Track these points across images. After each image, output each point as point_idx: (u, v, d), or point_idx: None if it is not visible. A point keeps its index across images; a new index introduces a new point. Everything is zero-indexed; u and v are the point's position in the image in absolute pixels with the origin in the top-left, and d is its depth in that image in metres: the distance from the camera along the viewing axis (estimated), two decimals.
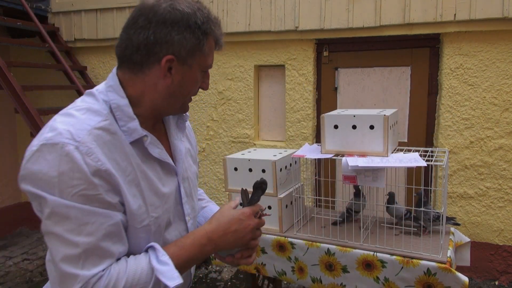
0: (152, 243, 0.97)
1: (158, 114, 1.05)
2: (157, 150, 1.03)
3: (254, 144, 3.78)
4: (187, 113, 1.15)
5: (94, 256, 0.87)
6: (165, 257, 0.93)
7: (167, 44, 0.94)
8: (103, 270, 0.88)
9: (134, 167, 0.96)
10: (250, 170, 2.21)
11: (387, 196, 2.19)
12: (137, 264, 0.92)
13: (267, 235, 2.22)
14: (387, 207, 2.18)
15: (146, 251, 0.97)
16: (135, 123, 0.97)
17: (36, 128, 3.40)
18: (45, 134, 0.88)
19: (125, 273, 0.89)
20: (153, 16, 0.94)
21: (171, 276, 0.91)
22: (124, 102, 0.97)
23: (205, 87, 1.08)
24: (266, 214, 1.15)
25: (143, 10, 0.95)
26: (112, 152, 0.92)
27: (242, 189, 1.14)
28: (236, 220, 1.04)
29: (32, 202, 0.90)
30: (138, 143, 0.99)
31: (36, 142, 0.88)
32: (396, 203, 2.18)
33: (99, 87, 1.02)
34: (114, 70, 1.02)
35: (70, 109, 0.95)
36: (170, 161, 1.07)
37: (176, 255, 0.96)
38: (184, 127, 1.18)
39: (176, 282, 0.90)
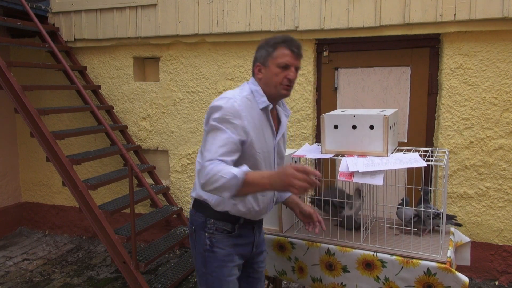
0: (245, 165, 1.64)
1: (269, 97, 1.79)
2: (270, 116, 1.82)
3: None
4: (289, 111, 1.97)
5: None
6: (245, 167, 1.59)
7: (256, 58, 1.83)
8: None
9: (259, 121, 1.75)
10: None
11: (400, 201, 2.16)
12: (229, 167, 1.59)
13: (267, 235, 2.22)
14: (396, 208, 2.16)
15: None
16: (264, 98, 1.77)
17: (36, 128, 3.39)
18: (221, 96, 1.72)
19: (223, 167, 1.58)
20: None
21: (239, 171, 1.55)
22: (258, 88, 1.79)
23: (291, 76, 1.76)
24: (316, 174, 1.51)
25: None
26: (249, 110, 1.72)
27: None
28: (284, 168, 1.55)
29: (206, 117, 1.73)
30: (265, 111, 1.79)
31: (217, 98, 1.72)
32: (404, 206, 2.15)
33: (249, 82, 1.84)
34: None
35: (236, 88, 1.81)
36: (274, 127, 1.85)
37: (250, 173, 1.58)
38: (286, 116, 1.94)
39: (237, 173, 1.53)
